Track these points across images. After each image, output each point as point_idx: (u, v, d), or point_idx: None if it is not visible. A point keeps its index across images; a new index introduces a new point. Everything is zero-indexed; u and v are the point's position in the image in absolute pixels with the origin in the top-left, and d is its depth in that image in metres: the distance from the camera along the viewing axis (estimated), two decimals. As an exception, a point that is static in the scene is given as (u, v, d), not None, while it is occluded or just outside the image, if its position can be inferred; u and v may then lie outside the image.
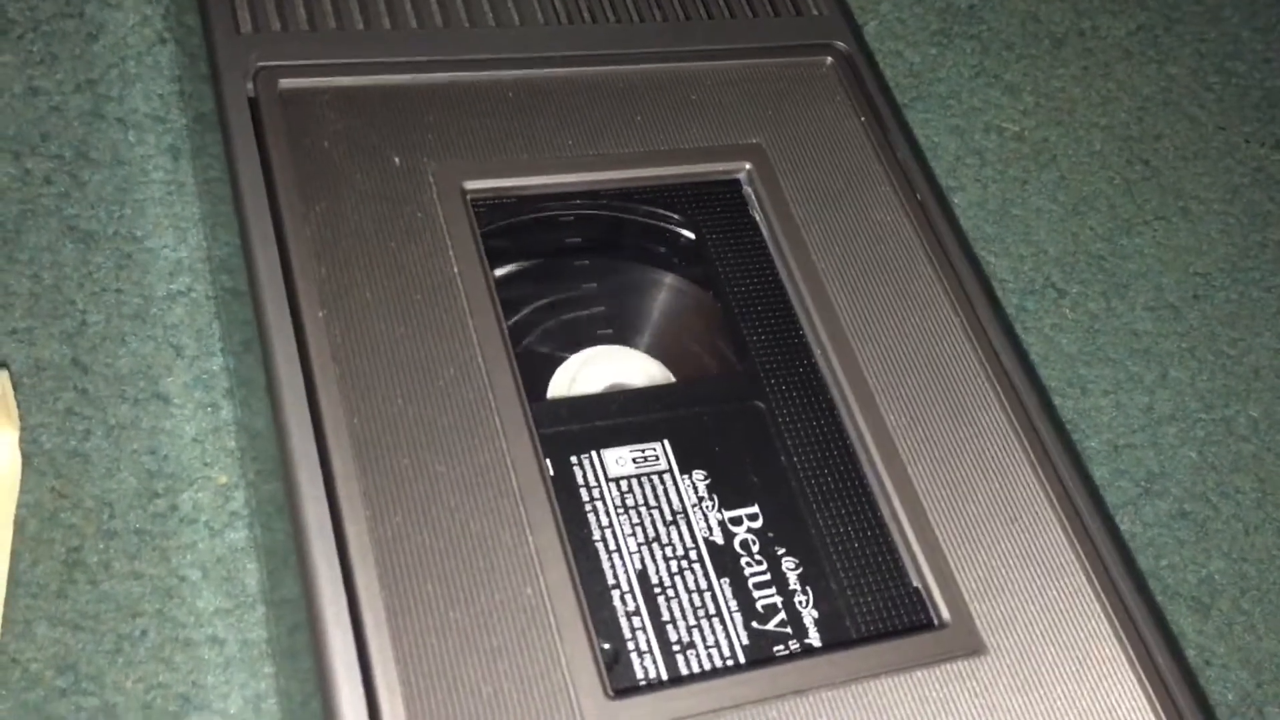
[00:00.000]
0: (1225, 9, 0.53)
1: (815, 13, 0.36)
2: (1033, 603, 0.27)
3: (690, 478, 0.28)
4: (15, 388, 0.32)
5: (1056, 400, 0.40)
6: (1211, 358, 0.43)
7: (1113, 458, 0.39)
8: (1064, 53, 0.49)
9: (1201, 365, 0.42)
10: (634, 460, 0.28)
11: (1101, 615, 0.27)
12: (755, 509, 0.28)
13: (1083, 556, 0.28)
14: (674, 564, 0.27)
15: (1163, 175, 0.47)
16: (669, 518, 0.28)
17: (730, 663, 0.26)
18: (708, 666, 0.26)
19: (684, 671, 0.25)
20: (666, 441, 0.29)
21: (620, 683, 0.25)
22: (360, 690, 0.23)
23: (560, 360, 0.31)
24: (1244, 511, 0.39)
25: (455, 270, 0.28)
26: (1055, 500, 0.29)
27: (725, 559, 0.27)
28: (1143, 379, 0.41)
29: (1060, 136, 0.47)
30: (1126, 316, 0.43)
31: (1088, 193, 0.46)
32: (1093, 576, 0.28)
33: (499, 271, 0.31)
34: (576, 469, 0.28)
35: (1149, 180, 0.47)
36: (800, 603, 0.27)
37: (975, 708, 0.25)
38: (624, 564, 0.27)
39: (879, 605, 0.27)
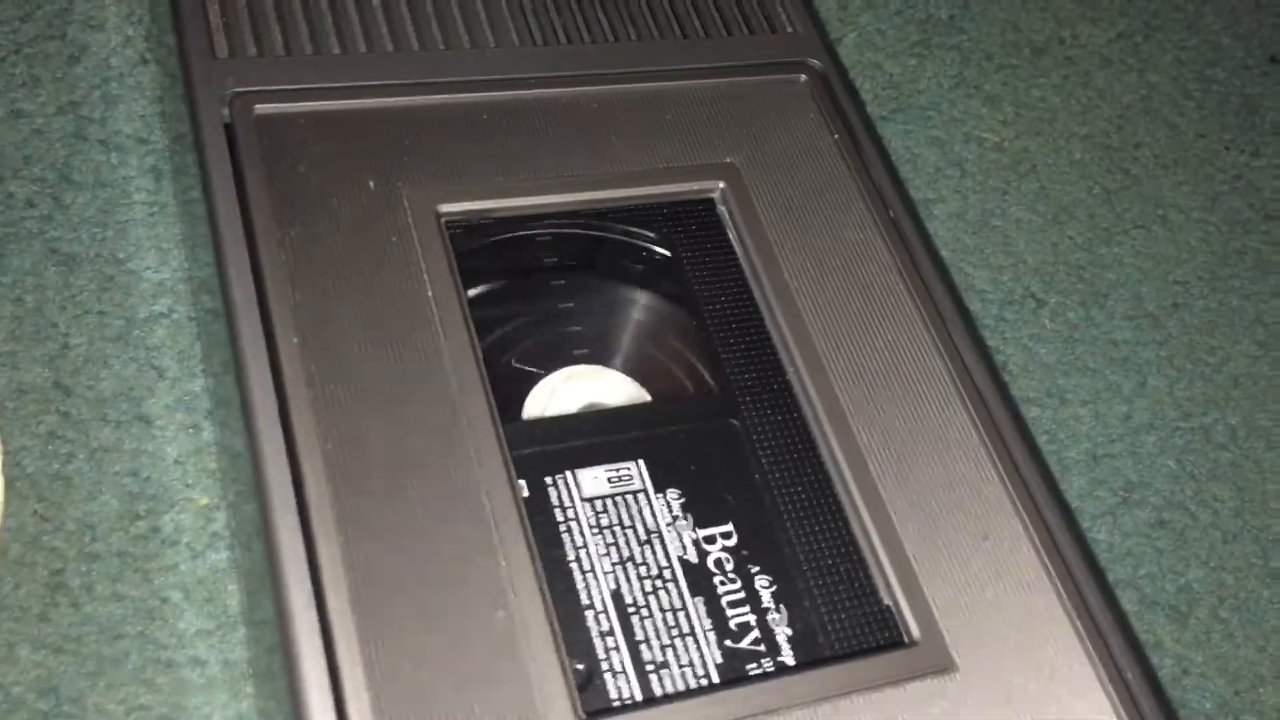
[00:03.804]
0: (1205, 16, 0.53)
1: (789, 30, 0.37)
2: (1003, 620, 0.27)
3: (665, 496, 0.28)
4: (-3, 411, 0.32)
5: (1035, 410, 0.40)
6: (1190, 366, 0.43)
7: (1091, 467, 0.40)
8: (1044, 62, 0.49)
9: (1180, 374, 0.43)
10: (609, 480, 0.28)
11: (1072, 632, 0.27)
12: (729, 527, 0.28)
13: (1053, 573, 0.28)
14: (648, 583, 0.27)
15: (1142, 184, 0.47)
16: (643, 537, 0.28)
17: (704, 682, 0.26)
18: (681, 687, 0.26)
19: (658, 692, 0.26)
20: (642, 461, 0.29)
21: (593, 704, 0.25)
22: (332, 714, 0.23)
23: (536, 380, 0.31)
24: (1222, 520, 0.40)
25: (429, 294, 0.29)
26: (1026, 517, 0.29)
27: (699, 578, 0.27)
28: (1121, 388, 0.42)
29: (1040, 146, 0.47)
30: (1105, 326, 0.43)
31: (1067, 202, 0.46)
32: (1063, 593, 0.28)
33: (474, 291, 0.32)
34: (551, 489, 0.28)
35: (1129, 189, 0.47)
36: (774, 620, 0.27)
37: (945, 725, 0.26)
38: (598, 584, 0.27)
39: (851, 623, 0.27)
